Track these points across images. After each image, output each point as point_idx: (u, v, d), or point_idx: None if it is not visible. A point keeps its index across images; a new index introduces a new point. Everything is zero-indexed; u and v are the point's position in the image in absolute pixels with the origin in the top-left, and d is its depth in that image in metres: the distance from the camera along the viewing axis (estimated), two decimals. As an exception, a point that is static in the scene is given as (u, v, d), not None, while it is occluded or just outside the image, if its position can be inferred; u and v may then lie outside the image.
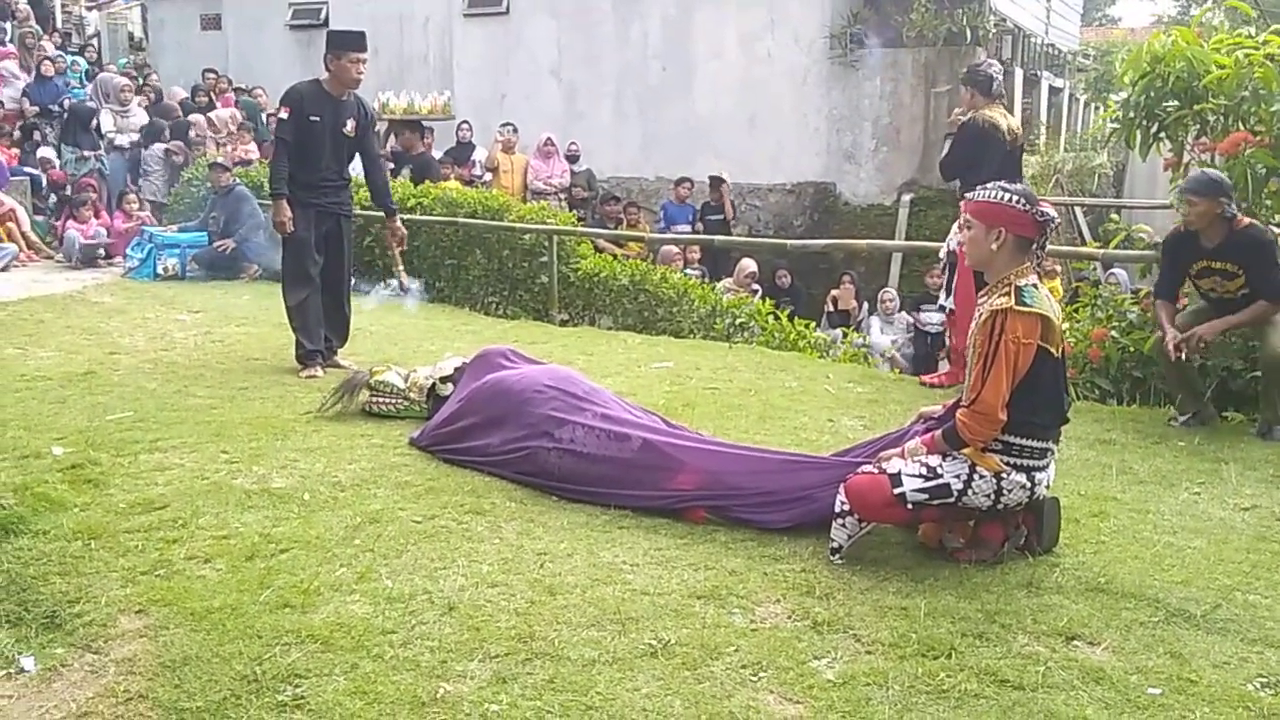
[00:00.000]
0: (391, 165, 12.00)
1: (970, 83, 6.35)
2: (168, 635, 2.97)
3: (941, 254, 6.65)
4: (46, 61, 13.38)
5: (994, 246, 3.45)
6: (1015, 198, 3.43)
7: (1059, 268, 10.00)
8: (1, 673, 2.89)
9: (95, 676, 2.83)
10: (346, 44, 6.16)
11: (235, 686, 2.71)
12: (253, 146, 12.77)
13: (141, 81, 14.66)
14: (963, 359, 6.19)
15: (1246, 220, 5.22)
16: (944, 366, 8.00)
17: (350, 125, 6.27)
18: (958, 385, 5.97)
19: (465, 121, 13.61)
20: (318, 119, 6.15)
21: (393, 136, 12.68)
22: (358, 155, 6.52)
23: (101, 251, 10.92)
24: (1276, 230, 5.45)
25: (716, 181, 12.56)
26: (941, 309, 6.89)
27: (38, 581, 3.31)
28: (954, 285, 6.34)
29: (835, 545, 3.51)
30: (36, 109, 13.10)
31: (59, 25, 17.81)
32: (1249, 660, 2.88)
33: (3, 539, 3.58)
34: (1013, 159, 6.24)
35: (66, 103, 13.12)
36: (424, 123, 12.92)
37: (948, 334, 7.15)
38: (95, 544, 3.54)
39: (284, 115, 6.21)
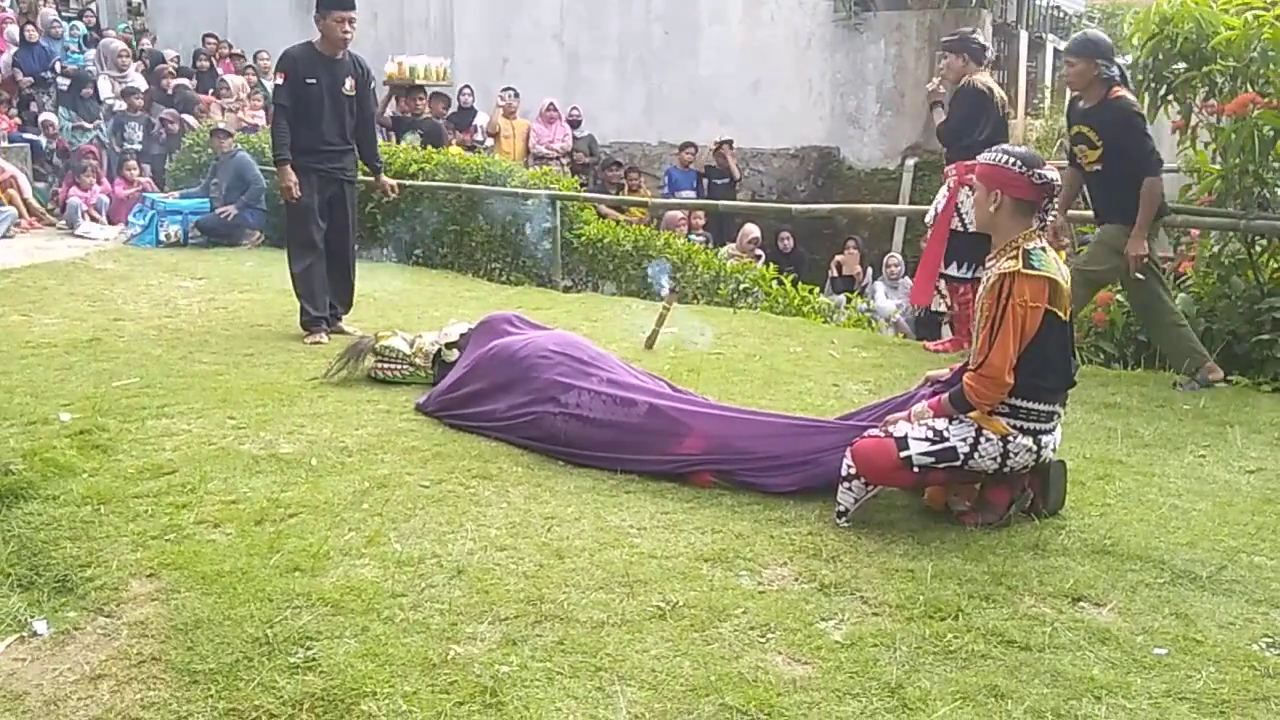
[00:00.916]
0: (392, 131, 11.92)
1: (963, 49, 6.35)
2: (179, 599, 2.99)
3: (927, 219, 6.65)
4: (30, 27, 13.22)
5: (992, 209, 3.46)
6: (1013, 160, 3.43)
7: (1066, 240, 9.94)
8: (15, 636, 2.92)
9: (108, 639, 2.86)
10: (331, 3, 6.14)
11: (247, 649, 2.73)
12: (260, 112, 12.68)
13: (141, 49, 14.54)
14: (965, 325, 6.23)
15: (1122, 90, 5.28)
16: (947, 332, 7.98)
17: (349, 84, 6.24)
18: (963, 351, 6.01)
19: (466, 86, 13.51)
20: (314, 81, 6.13)
21: (396, 101, 12.49)
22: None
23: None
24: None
25: (721, 145, 12.48)
26: None
27: (49, 546, 3.33)
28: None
29: (842, 508, 3.52)
30: (30, 79, 12.96)
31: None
32: (1254, 621, 2.90)
33: (13, 504, 3.60)
34: (1004, 125, 6.31)
35: (59, 67, 13.00)
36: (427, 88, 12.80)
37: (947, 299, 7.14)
38: (105, 509, 3.56)
39: (279, 81, 6.22)
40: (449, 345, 5.09)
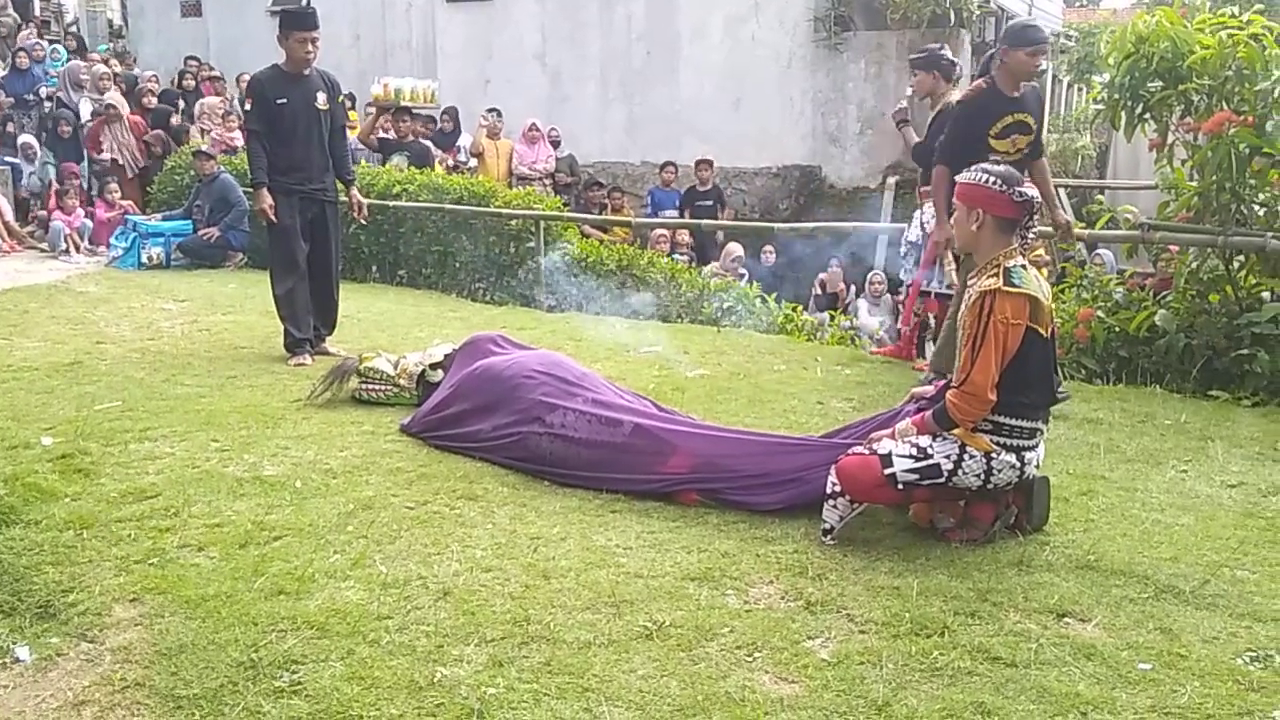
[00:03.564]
0: (378, 152, 11.88)
1: (933, 67, 6.40)
2: (163, 623, 2.97)
3: (910, 238, 6.69)
4: (22, 53, 13.25)
5: (974, 228, 3.49)
6: (993, 179, 3.46)
7: (1048, 257, 10.03)
8: (-3, 663, 2.89)
9: (91, 665, 2.84)
10: (292, 23, 6.19)
11: (232, 673, 2.72)
12: (238, 134, 12.66)
13: (115, 72, 14.50)
14: (910, 333, 6.38)
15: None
16: (931, 348, 8.01)
17: (322, 99, 6.26)
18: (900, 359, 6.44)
19: (450, 107, 13.53)
20: (284, 100, 6.15)
21: (386, 123, 12.38)
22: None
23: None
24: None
25: (703, 164, 12.54)
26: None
27: (31, 571, 3.30)
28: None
29: (827, 526, 3.53)
30: (11, 100, 12.98)
31: (37, 13, 17.63)
32: (1238, 635, 2.92)
33: (-6, 529, 3.57)
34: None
35: (44, 92, 13.00)
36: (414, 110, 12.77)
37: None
38: (88, 533, 3.54)
39: (248, 106, 6.26)
40: (433, 366, 5.09)
